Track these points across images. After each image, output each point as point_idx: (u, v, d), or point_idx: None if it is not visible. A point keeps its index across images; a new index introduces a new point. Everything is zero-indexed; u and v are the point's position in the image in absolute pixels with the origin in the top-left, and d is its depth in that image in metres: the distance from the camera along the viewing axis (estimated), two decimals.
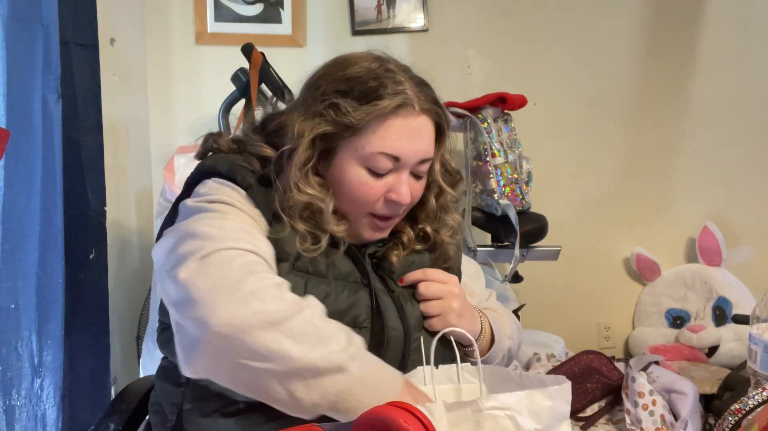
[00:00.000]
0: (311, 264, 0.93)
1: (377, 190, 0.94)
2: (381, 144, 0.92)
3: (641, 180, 2.26)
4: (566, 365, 1.50)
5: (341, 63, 0.96)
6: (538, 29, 2.19)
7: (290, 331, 0.76)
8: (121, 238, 1.79)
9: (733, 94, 2.22)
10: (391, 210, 0.96)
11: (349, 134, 0.92)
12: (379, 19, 2.12)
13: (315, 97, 0.94)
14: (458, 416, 0.74)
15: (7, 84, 1.18)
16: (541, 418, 0.76)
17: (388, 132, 0.92)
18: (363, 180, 0.93)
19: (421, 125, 0.94)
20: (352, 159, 0.93)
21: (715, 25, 2.21)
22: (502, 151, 1.80)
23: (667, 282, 2.20)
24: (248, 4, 2.06)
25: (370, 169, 0.93)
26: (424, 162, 0.96)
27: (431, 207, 1.03)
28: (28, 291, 1.25)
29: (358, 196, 0.94)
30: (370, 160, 0.92)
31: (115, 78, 1.79)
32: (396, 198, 0.94)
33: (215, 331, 0.74)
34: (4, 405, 1.21)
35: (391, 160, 0.93)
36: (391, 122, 0.92)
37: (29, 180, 1.25)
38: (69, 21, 1.43)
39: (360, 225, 0.98)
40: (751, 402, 0.54)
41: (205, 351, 0.76)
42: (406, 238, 1.03)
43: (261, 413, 0.91)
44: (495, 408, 0.73)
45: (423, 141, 0.95)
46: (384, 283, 0.98)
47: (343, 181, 0.94)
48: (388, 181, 0.94)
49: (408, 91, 0.92)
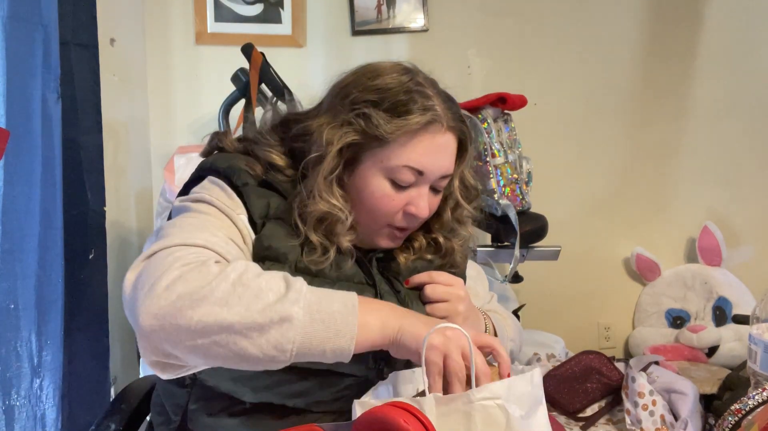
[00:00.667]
0: (315, 265, 0.93)
1: (398, 203, 0.95)
2: (407, 158, 0.92)
3: (641, 180, 2.26)
4: (566, 365, 1.50)
5: (371, 72, 0.96)
6: (538, 29, 2.19)
7: (220, 299, 0.74)
8: (121, 238, 1.79)
9: (733, 94, 2.22)
10: (408, 222, 0.97)
11: (377, 145, 0.92)
12: (379, 19, 2.12)
13: (344, 104, 0.94)
14: (449, 409, 0.74)
15: (7, 84, 1.18)
16: (523, 404, 0.76)
17: (415, 147, 0.92)
18: (386, 191, 0.94)
19: (447, 142, 0.95)
20: (377, 170, 0.93)
21: (715, 25, 2.21)
22: (502, 151, 1.80)
23: (667, 282, 2.20)
24: (248, 4, 2.06)
25: (393, 181, 0.94)
26: (444, 177, 0.98)
27: (446, 219, 1.04)
28: (28, 291, 1.25)
29: (380, 207, 0.95)
30: (395, 172, 0.93)
31: (115, 78, 1.79)
32: (415, 211, 0.95)
33: (146, 326, 0.73)
34: (4, 405, 1.21)
35: (414, 174, 0.93)
36: (420, 138, 0.92)
37: (29, 180, 1.25)
38: (69, 21, 1.43)
39: (377, 234, 0.98)
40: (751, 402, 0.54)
41: (149, 345, 0.75)
42: (417, 244, 1.05)
43: (266, 413, 0.91)
44: (485, 399, 0.74)
45: (447, 158, 0.96)
46: (390, 284, 0.99)
47: (364, 191, 0.95)
48: (409, 194, 0.95)
49: (437, 108, 0.93)
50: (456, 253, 1.06)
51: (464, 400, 0.74)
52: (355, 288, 0.93)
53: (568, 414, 1.45)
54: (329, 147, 0.92)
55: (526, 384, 0.78)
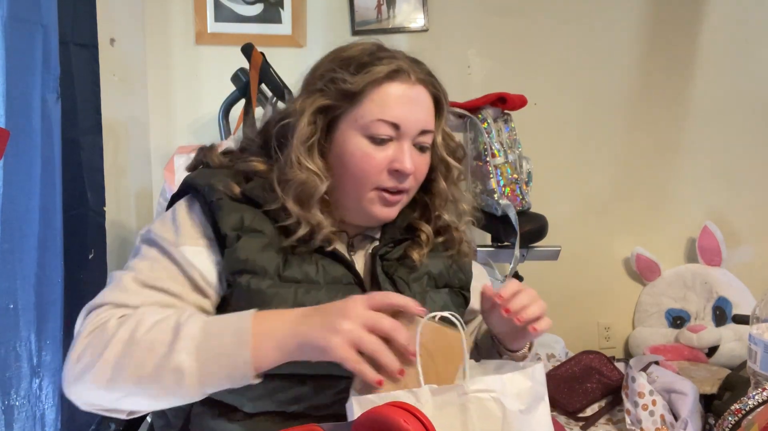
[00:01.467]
0: (300, 272, 0.92)
1: (380, 161, 0.94)
2: (380, 111, 0.93)
3: (641, 180, 2.26)
4: (566, 365, 1.50)
5: (339, 49, 0.99)
6: (538, 29, 2.19)
7: (116, 364, 0.79)
8: (121, 238, 1.79)
9: (733, 94, 2.22)
10: (396, 180, 0.96)
11: (348, 105, 0.94)
12: (379, 19, 2.12)
13: (314, 79, 0.97)
14: (444, 400, 0.74)
15: (7, 84, 1.18)
16: (523, 399, 0.76)
17: (385, 99, 0.94)
18: (365, 150, 0.94)
19: (418, 94, 0.96)
20: (353, 130, 0.94)
21: (715, 25, 2.21)
22: (502, 151, 1.80)
23: (667, 282, 2.20)
24: (248, 4, 2.06)
25: (371, 138, 0.94)
26: (425, 133, 0.97)
27: (442, 188, 1.03)
28: (27, 291, 1.25)
29: (363, 167, 0.94)
30: (371, 128, 0.93)
31: (115, 78, 1.79)
32: (399, 167, 0.94)
33: (69, 394, 0.84)
34: (3, 406, 1.21)
35: (390, 128, 0.93)
36: (387, 88, 0.94)
37: (28, 180, 1.25)
38: (68, 21, 1.43)
39: (369, 203, 0.96)
40: (751, 402, 0.54)
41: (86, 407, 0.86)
42: (424, 236, 1.03)
43: (267, 418, 0.91)
44: (480, 391, 0.74)
45: (421, 111, 0.96)
46: (394, 286, 0.98)
47: (345, 154, 0.95)
48: (391, 151, 0.94)
49: (402, 62, 0.95)
50: (463, 243, 1.06)
51: (458, 392, 0.74)
52: (343, 290, 0.93)
53: (568, 414, 1.45)
54: (302, 114, 0.94)
55: (526, 379, 0.78)
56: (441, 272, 1.04)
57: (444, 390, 0.74)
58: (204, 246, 0.93)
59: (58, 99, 1.32)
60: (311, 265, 0.93)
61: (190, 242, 0.92)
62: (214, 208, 0.92)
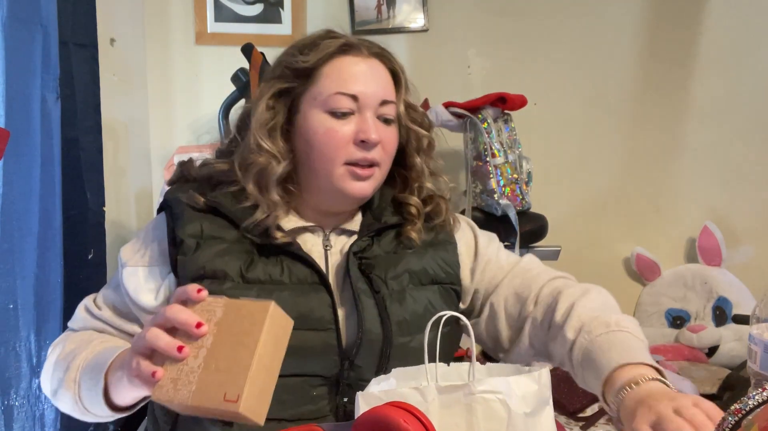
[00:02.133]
0: (264, 273, 0.92)
1: (344, 133, 0.94)
2: (337, 85, 0.94)
3: (641, 180, 2.26)
4: None
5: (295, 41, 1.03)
6: (538, 29, 2.19)
7: (55, 396, 0.94)
8: (121, 238, 1.79)
9: (733, 94, 2.22)
10: (364, 151, 0.94)
11: (305, 84, 0.96)
12: (379, 19, 2.12)
13: (272, 69, 1.02)
14: (450, 399, 0.74)
15: (6, 84, 1.18)
16: (529, 402, 0.76)
17: (341, 72, 0.95)
18: (327, 125, 0.94)
19: (372, 66, 0.97)
20: (314, 108, 0.95)
21: (715, 25, 2.20)
22: (502, 151, 1.80)
23: (667, 282, 2.20)
24: (248, 4, 2.06)
25: (332, 113, 0.94)
26: (386, 103, 0.96)
27: (417, 161, 1.01)
28: (27, 291, 1.25)
29: (328, 142, 0.94)
30: (330, 102, 0.94)
31: (115, 78, 1.79)
32: (364, 136, 0.93)
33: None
34: (3, 405, 1.21)
35: (350, 100, 0.94)
36: (341, 62, 0.95)
37: (28, 180, 1.25)
38: (68, 21, 1.43)
39: (339, 179, 0.95)
40: (751, 403, 0.54)
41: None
42: (414, 210, 1.01)
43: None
44: (487, 392, 0.74)
45: (377, 82, 0.96)
46: (369, 284, 0.95)
47: (309, 132, 0.95)
48: (354, 124, 0.94)
49: (352, 39, 0.97)
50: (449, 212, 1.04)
51: (465, 391, 0.74)
52: (308, 289, 0.92)
53: (568, 414, 1.45)
54: (260, 99, 0.96)
55: (533, 382, 0.78)
56: (424, 268, 0.99)
57: (451, 389, 0.74)
58: (146, 265, 0.96)
59: (57, 99, 1.32)
60: (276, 266, 0.92)
61: (132, 263, 0.97)
62: (175, 219, 0.95)
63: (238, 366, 0.66)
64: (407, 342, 0.94)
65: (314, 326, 0.91)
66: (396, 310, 0.94)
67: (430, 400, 0.73)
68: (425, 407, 0.73)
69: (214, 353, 0.68)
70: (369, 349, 0.92)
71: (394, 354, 0.93)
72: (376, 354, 0.92)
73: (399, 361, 0.90)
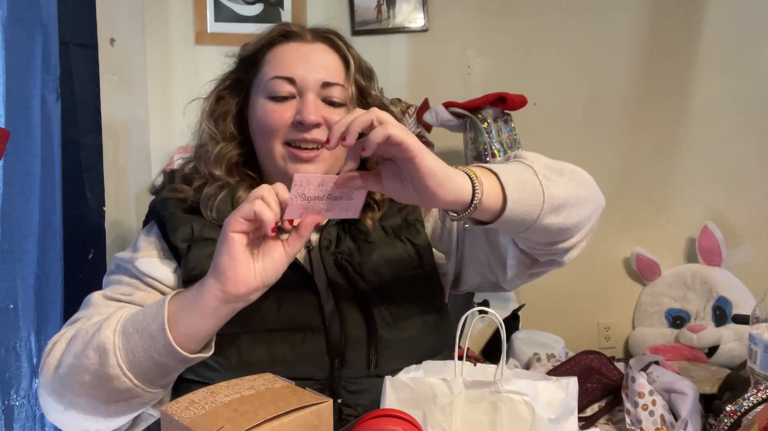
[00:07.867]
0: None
1: (282, 114, 0.96)
2: (274, 70, 0.98)
3: (641, 180, 2.26)
4: (566, 365, 1.50)
5: None
6: (538, 29, 2.19)
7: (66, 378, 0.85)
8: (121, 238, 1.79)
9: (733, 93, 2.22)
10: (299, 131, 0.95)
11: (251, 73, 1.01)
12: (379, 19, 2.12)
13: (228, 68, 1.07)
14: (476, 395, 0.74)
15: (6, 84, 1.18)
16: (554, 409, 0.76)
17: (280, 58, 0.98)
18: (267, 108, 0.97)
19: (314, 49, 0.99)
20: (258, 95, 0.99)
21: (715, 25, 2.20)
22: (502, 151, 1.80)
23: (667, 282, 2.20)
24: (248, 4, 2.06)
25: (271, 97, 0.97)
26: (329, 85, 0.98)
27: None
28: (27, 291, 1.25)
29: (267, 124, 0.97)
30: (269, 87, 0.97)
31: (115, 78, 1.79)
32: (300, 117, 0.95)
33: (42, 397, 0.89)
34: (3, 406, 1.21)
35: (287, 83, 0.96)
36: (281, 48, 0.99)
37: (28, 180, 1.25)
38: (68, 21, 1.43)
39: (281, 159, 0.97)
40: (746, 404, 0.54)
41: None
42: (377, 195, 1.00)
43: None
44: (513, 392, 0.74)
45: (320, 64, 0.98)
46: (348, 280, 0.95)
47: (254, 117, 1.00)
48: (294, 106, 0.97)
49: (296, 27, 1.01)
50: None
51: (492, 389, 0.74)
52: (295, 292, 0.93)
53: None
54: (212, 91, 1.04)
55: (560, 390, 0.78)
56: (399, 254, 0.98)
57: (478, 384, 0.75)
58: (157, 257, 0.97)
59: (57, 99, 1.32)
60: None
61: (143, 255, 0.98)
62: (166, 224, 0.97)
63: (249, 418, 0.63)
64: (393, 332, 0.94)
65: (304, 330, 0.91)
66: (376, 302, 0.94)
67: (456, 393, 0.74)
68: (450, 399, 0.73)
69: (244, 400, 0.66)
70: (355, 344, 0.93)
71: (381, 345, 0.93)
72: (363, 349, 0.93)
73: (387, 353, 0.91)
